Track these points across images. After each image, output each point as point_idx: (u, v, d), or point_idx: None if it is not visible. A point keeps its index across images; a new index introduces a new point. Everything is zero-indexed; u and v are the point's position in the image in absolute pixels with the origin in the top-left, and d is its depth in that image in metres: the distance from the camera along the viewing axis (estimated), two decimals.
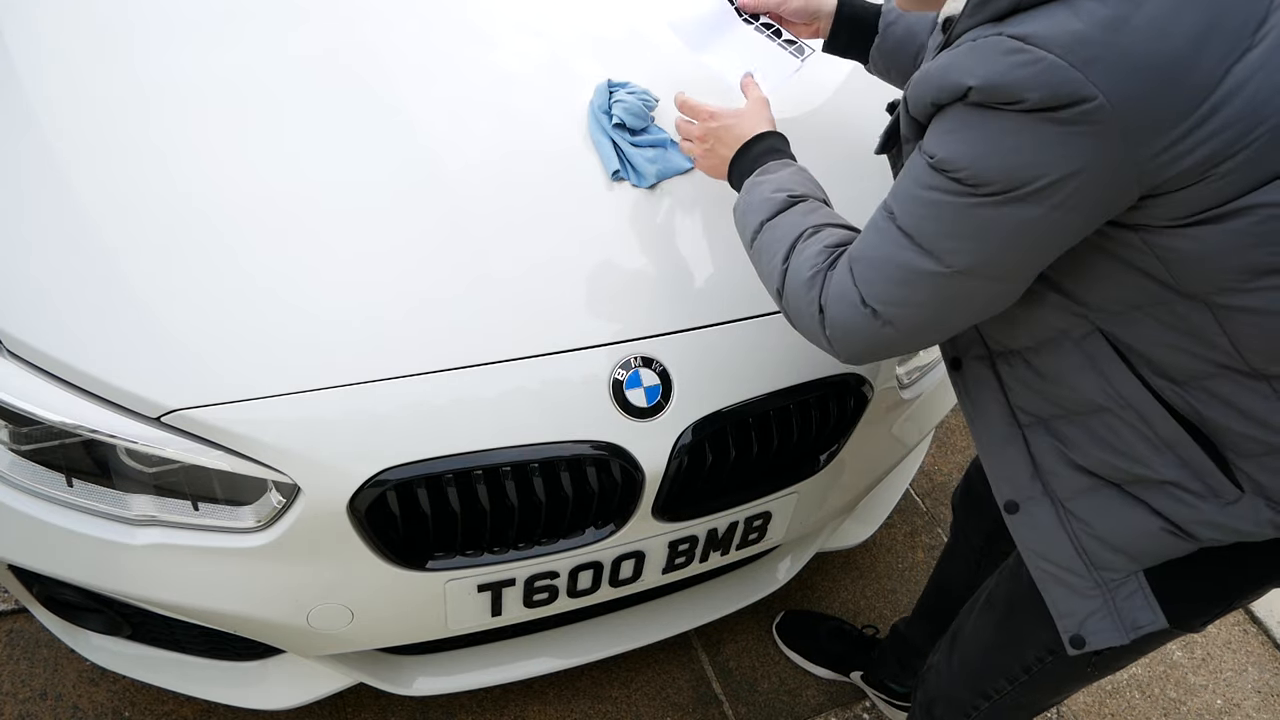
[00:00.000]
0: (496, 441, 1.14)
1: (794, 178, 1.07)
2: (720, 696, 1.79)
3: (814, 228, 0.98)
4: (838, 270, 0.92)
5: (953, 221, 0.81)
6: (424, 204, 1.28)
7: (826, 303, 0.92)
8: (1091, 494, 0.97)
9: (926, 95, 0.81)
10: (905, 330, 0.89)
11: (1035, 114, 0.72)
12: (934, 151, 0.80)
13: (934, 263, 0.83)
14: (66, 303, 1.12)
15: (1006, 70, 0.72)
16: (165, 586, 1.18)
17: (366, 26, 1.50)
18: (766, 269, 1.02)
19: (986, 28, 0.76)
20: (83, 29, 1.41)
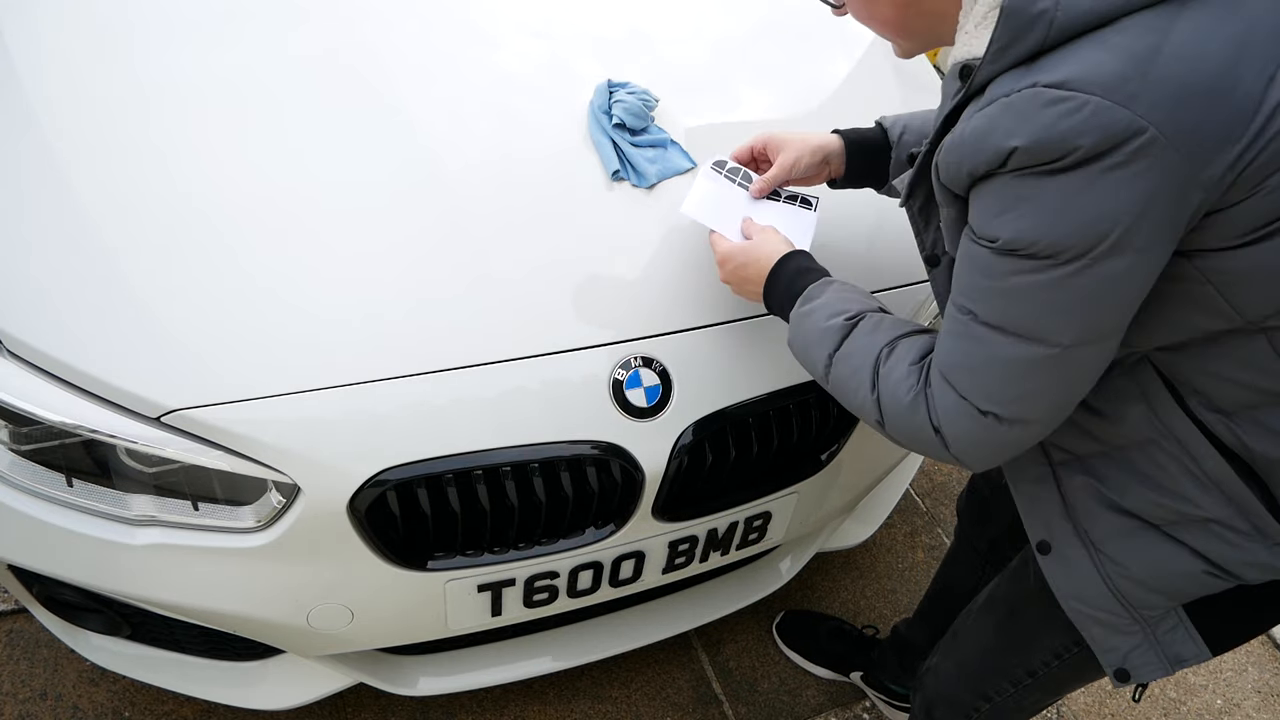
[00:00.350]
0: (496, 441, 1.14)
1: (839, 296, 1.01)
2: (720, 696, 1.79)
3: (887, 347, 0.93)
4: (935, 387, 0.86)
5: (1044, 300, 0.76)
6: (424, 204, 1.28)
7: (941, 424, 0.86)
8: (1129, 537, 0.95)
9: (963, 164, 0.76)
10: (1035, 422, 0.84)
11: (1091, 164, 0.69)
12: (995, 235, 0.76)
13: (1041, 347, 0.78)
14: (66, 303, 1.12)
15: (1052, 123, 0.69)
16: (165, 586, 1.18)
17: (366, 26, 1.50)
18: (855, 403, 0.96)
19: (1014, 76, 0.72)
20: (83, 29, 1.41)
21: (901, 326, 0.96)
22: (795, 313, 1.03)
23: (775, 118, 1.18)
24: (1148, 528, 0.93)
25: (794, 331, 1.04)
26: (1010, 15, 0.71)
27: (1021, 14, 0.70)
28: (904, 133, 1.19)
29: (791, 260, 1.08)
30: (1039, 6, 0.70)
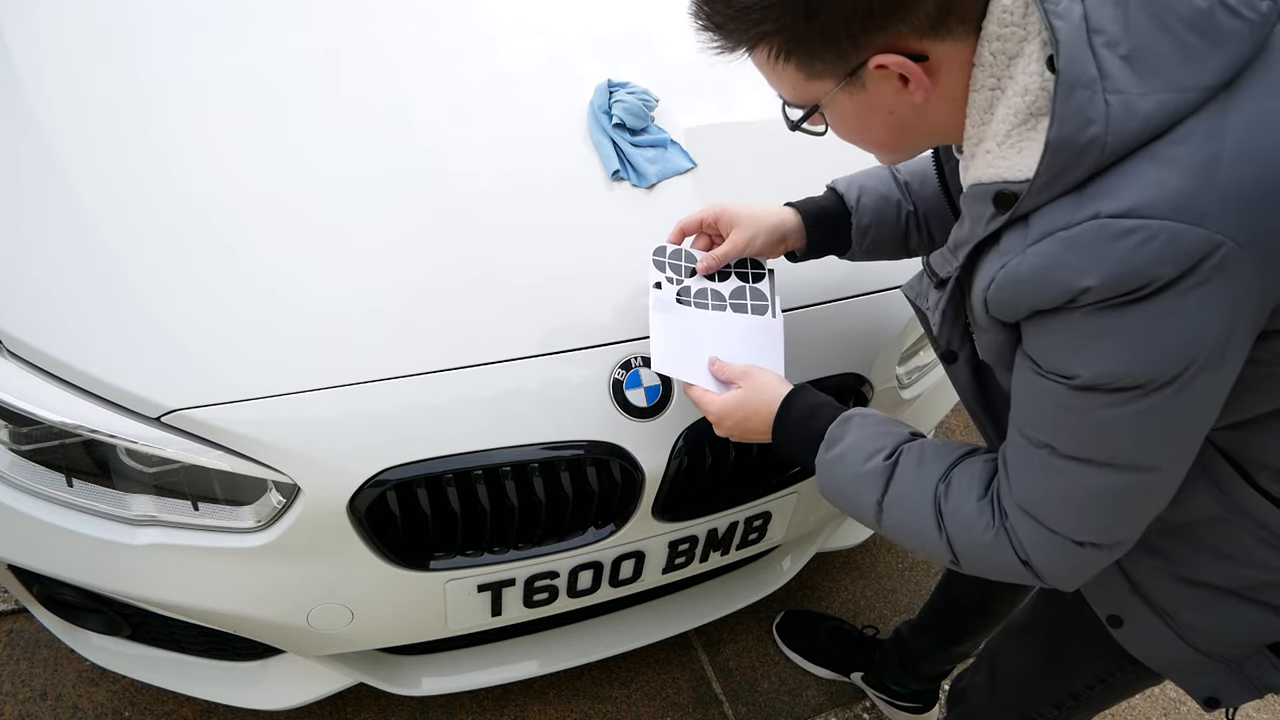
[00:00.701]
0: (496, 441, 1.14)
1: (866, 433, 0.94)
2: (720, 696, 1.79)
3: (942, 482, 0.87)
4: (1016, 522, 0.81)
5: (1135, 429, 0.72)
6: (423, 204, 1.28)
7: (1031, 557, 0.81)
8: (1206, 605, 0.92)
9: (1021, 301, 0.71)
10: (1132, 537, 0.81)
11: (1171, 289, 0.65)
12: (1073, 372, 0.71)
13: (1135, 474, 0.75)
14: (66, 303, 1.12)
15: (1125, 257, 0.64)
16: (165, 586, 1.18)
17: (366, 27, 1.50)
18: (921, 546, 0.89)
19: (1067, 206, 0.67)
20: (82, 29, 1.41)
21: (946, 453, 0.90)
22: (822, 460, 0.96)
23: (776, 117, 1.18)
24: (1225, 594, 0.91)
25: (825, 479, 0.96)
26: (1058, 147, 0.66)
27: (1070, 145, 0.65)
28: (861, 195, 1.14)
29: (796, 402, 1.00)
30: (1089, 134, 0.65)
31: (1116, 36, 0.65)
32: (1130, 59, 0.64)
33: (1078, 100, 0.65)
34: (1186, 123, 0.64)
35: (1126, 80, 0.64)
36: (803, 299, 1.30)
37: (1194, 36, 0.64)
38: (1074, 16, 0.65)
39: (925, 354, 1.51)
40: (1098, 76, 0.64)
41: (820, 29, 0.70)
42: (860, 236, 1.14)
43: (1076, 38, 0.65)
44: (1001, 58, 0.69)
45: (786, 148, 1.14)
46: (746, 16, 0.71)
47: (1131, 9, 0.65)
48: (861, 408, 0.99)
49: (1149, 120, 0.64)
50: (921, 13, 0.68)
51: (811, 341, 1.29)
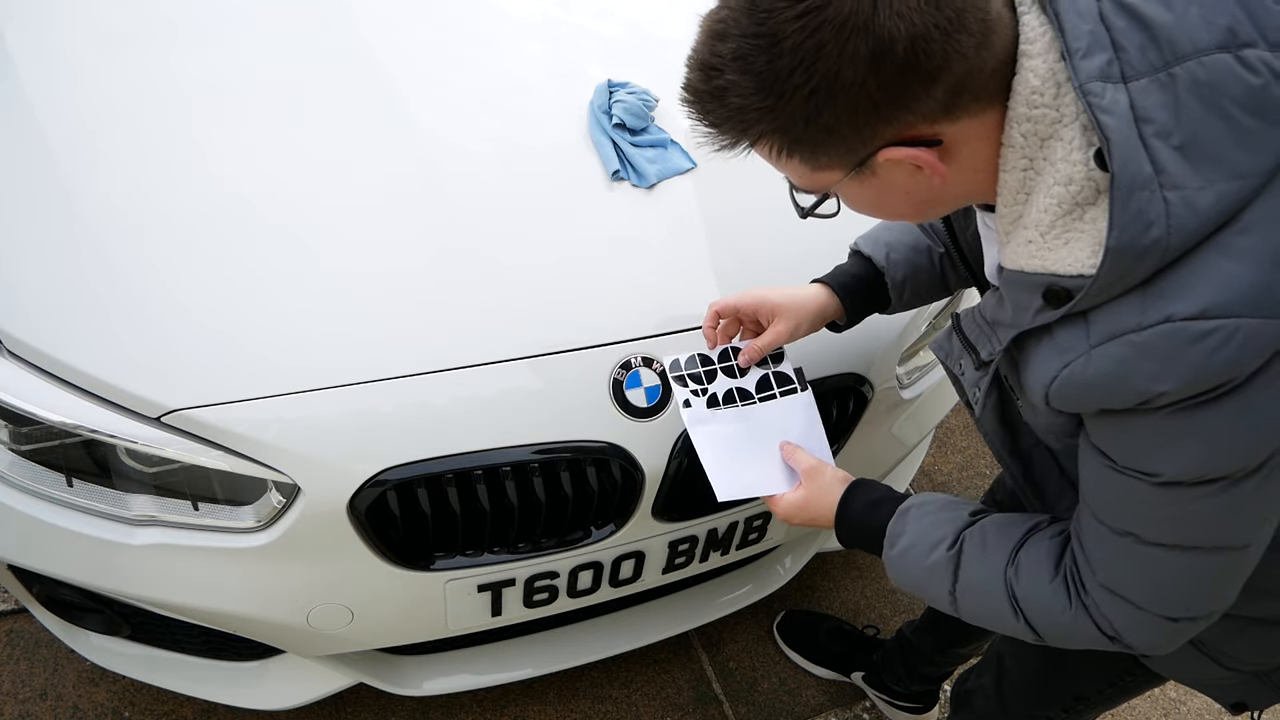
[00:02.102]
0: (496, 441, 1.14)
1: (924, 525, 0.93)
2: (720, 696, 1.79)
3: (1010, 567, 0.86)
4: (1102, 601, 0.79)
5: (1222, 516, 0.70)
6: (424, 204, 1.28)
7: (1120, 632, 0.80)
8: (1236, 633, 0.91)
9: (1089, 402, 0.69)
10: (1226, 605, 0.79)
11: (1251, 382, 0.63)
12: (1155, 470, 0.69)
13: (1224, 554, 0.73)
14: (66, 303, 1.12)
15: (1203, 361, 0.61)
16: (165, 586, 1.18)
17: (366, 27, 1.50)
18: (1004, 628, 0.88)
19: (1133, 306, 0.64)
20: (83, 29, 1.41)
21: (1009, 534, 0.88)
22: (888, 558, 0.96)
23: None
24: (1258, 622, 0.90)
25: (895, 575, 0.96)
26: (1119, 254, 0.62)
27: (1131, 249, 0.62)
28: (890, 252, 1.11)
29: (853, 502, 1.00)
30: (1150, 237, 0.61)
31: (1168, 125, 0.61)
32: (1184, 149, 0.60)
33: (1136, 203, 0.61)
34: (1251, 207, 0.61)
35: (1183, 174, 0.60)
36: None
37: (1249, 117, 0.60)
38: (1121, 109, 0.61)
39: (925, 354, 1.51)
40: (1153, 174, 0.60)
41: (822, 127, 0.65)
42: (899, 293, 1.13)
43: (1127, 134, 0.60)
44: (1034, 139, 0.65)
45: None
46: (742, 117, 0.67)
47: (1181, 93, 0.61)
48: (920, 495, 0.97)
49: (1210, 215, 0.60)
50: (931, 101, 0.64)
51: (812, 341, 1.29)
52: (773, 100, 0.64)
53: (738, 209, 1.40)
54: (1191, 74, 0.61)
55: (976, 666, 1.39)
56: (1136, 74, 0.61)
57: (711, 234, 1.36)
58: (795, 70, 0.62)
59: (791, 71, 0.62)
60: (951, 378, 0.91)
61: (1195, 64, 0.61)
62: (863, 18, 0.60)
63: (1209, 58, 0.61)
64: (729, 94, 0.66)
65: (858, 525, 0.99)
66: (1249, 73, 0.61)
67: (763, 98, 0.64)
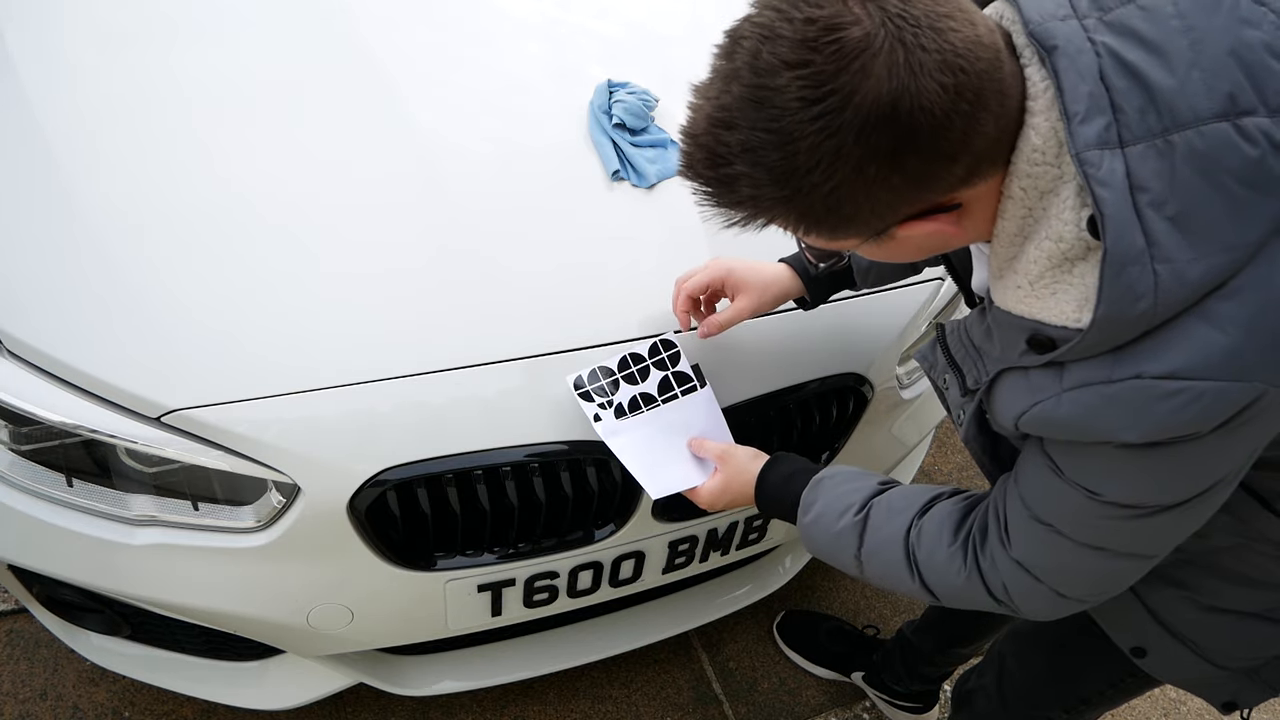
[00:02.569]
0: (496, 441, 1.14)
1: (835, 493, 0.97)
2: (720, 696, 1.79)
3: (912, 530, 0.90)
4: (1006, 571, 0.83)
5: (1151, 533, 0.74)
6: (424, 204, 1.28)
7: (1012, 596, 0.84)
8: (1226, 628, 0.93)
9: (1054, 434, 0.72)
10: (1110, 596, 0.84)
11: (1211, 434, 0.65)
12: (1099, 491, 0.72)
13: (1136, 560, 0.78)
14: (66, 303, 1.12)
15: (1167, 417, 0.63)
16: (165, 586, 1.18)
17: (366, 27, 1.50)
18: (903, 590, 0.93)
19: (1106, 359, 0.65)
20: (83, 29, 1.41)
21: (912, 500, 0.92)
22: (800, 525, 1.00)
23: None
24: (1246, 616, 0.92)
25: (807, 541, 1.01)
26: (1106, 323, 0.63)
27: (1119, 320, 0.62)
28: None
29: (769, 476, 1.05)
30: (1138, 310, 0.61)
31: (1162, 195, 0.60)
32: (1177, 221, 0.60)
33: (1127, 278, 0.61)
34: (1238, 275, 0.61)
35: (1174, 247, 0.60)
36: None
37: (1244, 189, 0.60)
38: (1117, 180, 0.60)
39: None
40: (1145, 246, 0.60)
41: (844, 216, 0.65)
42: (862, 276, 1.15)
43: (1121, 206, 0.60)
44: (1033, 193, 0.65)
45: None
46: (756, 205, 0.66)
47: (1178, 162, 0.60)
48: (833, 467, 1.02)
49: (1197, 287, 0.61)
50: (952, 177, 0.63)
51: (811, 341, 1.29)
52: (789, 192, 0.63)
53: None
54: (1190, 144, 0.60)
55: (978, 666, 1.39)
56: (1134, 139, 0.60)
57: (711, 233, 1.36)
58: (814, 169, 0.61)
59: (810, 170, 0.61)
60: (935, 388, 0.93)
61: (1194, 133, 0.60)
62: (882, 115, 0.58)
63: (1208, 127, 0.60)
64: (740, 183, 0.64)
65: (776, 500, 1.03)
66: (1247, 143, 0.60)
67: (778, 189, 0.63)
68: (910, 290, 1.40)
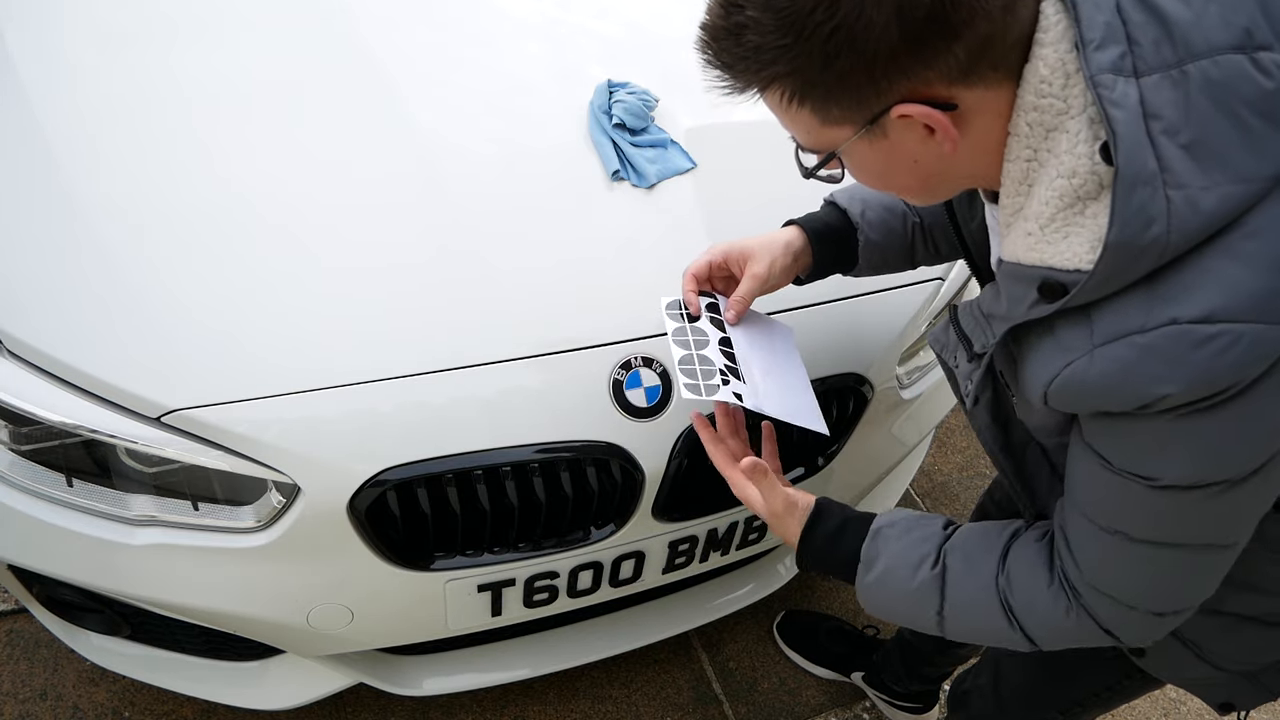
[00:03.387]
0: (496, 441, 1.14)
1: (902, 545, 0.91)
2: (720, 696, 1.79)
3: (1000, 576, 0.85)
4: (1089, 600, 0.79)
5: (1217, 516, 0.71)
6: (424, 204, 1.28)
7: (1113, 629, 0.80)
8: (1227, 631, 0.91)
9: (1087, 403, 0.69)
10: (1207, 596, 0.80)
11: (1254, 388, 0.62)
12: (1154, 475, 0.68)
13: (1213, 551, 0.74)
14: (66, 303, 1.12)
15: (1208, 364, 0.61)
16: (165, 586, 1.18)
17: (367, 27, 1.50)
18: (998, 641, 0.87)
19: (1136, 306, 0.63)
20: (83, 29, 1.41)
21: (991, 543, 0.87)
22: (863, 584, 0.93)
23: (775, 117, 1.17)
24: (1249, 620, 0.90)
25: (871, 601, 0.94)
26: (1118, 249, 0.61)
27: (1130, 246, 0.61)
28: (865, 210, 1.09)
29: (815, 533, 0.97)
30: (1150, 235, 0.60)
31: (1176, 123, 0.60)
32: (1191, 149, 0.60)
33: (1139, 199, 0.60)
34: (1256, 210, 0.60)
35: (1188, 173, 0.60)
36: (803, 299, 1.29)
37: (1260, 121, 0.60)
38: (1130, 103, 0.60)
39: (925, 354, 1.51)
40: (1157, 170, 0.60)
41: (838, 73, 0.63)
42: (868, 253, 1.10)
43: (1135, 128, 0.60)
44: (1039, 129, 0.65)
45: (787, 148, 1.14)
46: (757, 57, 0.65)
47: (1192, 91, 0.60)
48: (887, 515, 0.95)
49: (1212, 217, 0.60)
50: (951, 58, 0.62)
51: (811, 341, 1.29)
52: (791, 39, 0.62)
53: (737, 209, 1.40)
54: (1205, 73, 0.60)
55: (975, 667, 1.39)
56: (1149, 69, 0.60)
57: (711, 234, 1.36)
58: (817, 8, 0.61)
59: (814, 9, 0.61)
60: (946, 371, 0.90)
61: (1209, 63, 0.60)
62: None
63: (1223, 57, 0.60)
64: (747, 31, 0.64)
65: (824, 558, 0.97)
66: (1262, 75, 0.60)
67: (781, 35, 0.63)
68: (910, 290, 1.40)
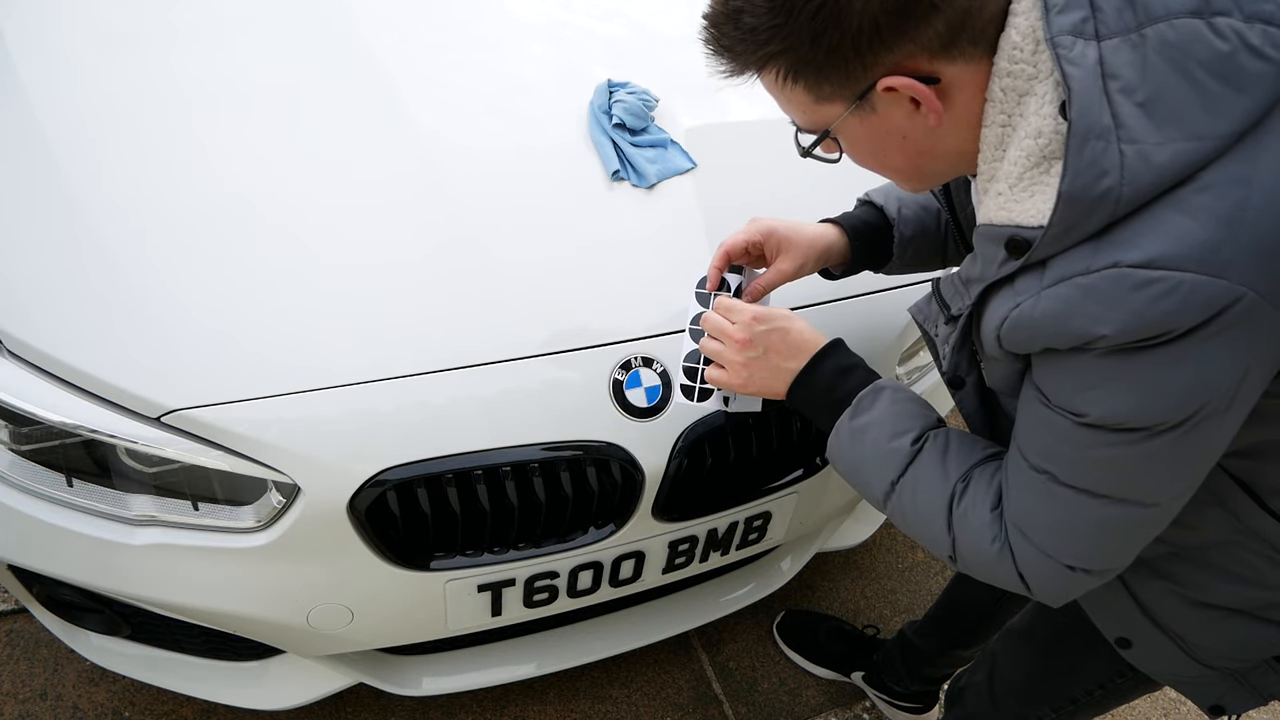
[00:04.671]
0: (496, 441, 1.14)
1: (895, 411, 0.91)
2: (720, 696, 1.79)
3: (960, 481, 0.86)
4: (1016, 542, 0.80)
5: (1139, 468, 0.71)
6: (424, 204, 1.28)
7: (1025, 573, 0.81)
8: (1215, 625, 0.91)
9: (1035, 341, 0.70)
10: (1123, 564, 0.81)
11: (1188, 337, 0.63)
12: (1081, 410, 0.70)
13: (1133, 508, 0.74)
14: (66, 303, 1.12)
15: (1144, 308, 0.62)
16: (165, 586, 1.18)
17: (368, 28, 1.50)
18: (924, 536, 0.89)
19: (1085, 252, 0.65)
20: (84, 30, 1.41)
21: (971, 450, 0.88)
22: (844, 426, 0.93)
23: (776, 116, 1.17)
24: (1235, 614, 0.90)
25: (842, 446, 0.94)
26: (1071, 199, 0.64)
27: (1084, 197, 0.64)
28: (901, 207, 1.11)
29: (835, 352, 0.97)
30: (1103, 185, 0.63)
31: (1133, 82, 0.62)
32: (1146, 106, 0.62)
33: (1091, 151, 0.63)
34: (1211, 168, 0.62)
35: (1142, 129, 0.62)
36: (803, 299, 1.30)
37: (1215, 82, 0.62)
38: (1088, 62, 0.63)
39: (925, 354, 1.51)
40: (1112, 125, 0.62)
41: (827, 48, 0.68)
42: (902, 249, 1.12)
43: (1090, 85, 0.63)
44: (1012, 94, 0.68)
45: (787, 147, 1.14)
46: (754, 38, 0.70)
47: (1149, 53, 0.63)
48: (894, 381, 0.96)
49: (1164, 171, 0.62)
50: (931, 31, 0.66)
51: None
52: (782, 19, 0.68)
53: (737, 208, 1.39)
54: (1161, 34, 0.63)
55: (971, 664, 1.39)
56: (1110, 33, 0.63)
57: (711, 234, 1.36)
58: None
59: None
60: (929, 343, 0.91)
61: (1166, 25, 0.63)
62: None
63: (1180, 21, 0.63)
64: (744, 14, 0.70)
65: (826, 384, 0.95)
66: (1218, 38, 0.62)
67: (773, 16, 0.68)
68: (910, 291, 1.40)
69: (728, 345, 1.00)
